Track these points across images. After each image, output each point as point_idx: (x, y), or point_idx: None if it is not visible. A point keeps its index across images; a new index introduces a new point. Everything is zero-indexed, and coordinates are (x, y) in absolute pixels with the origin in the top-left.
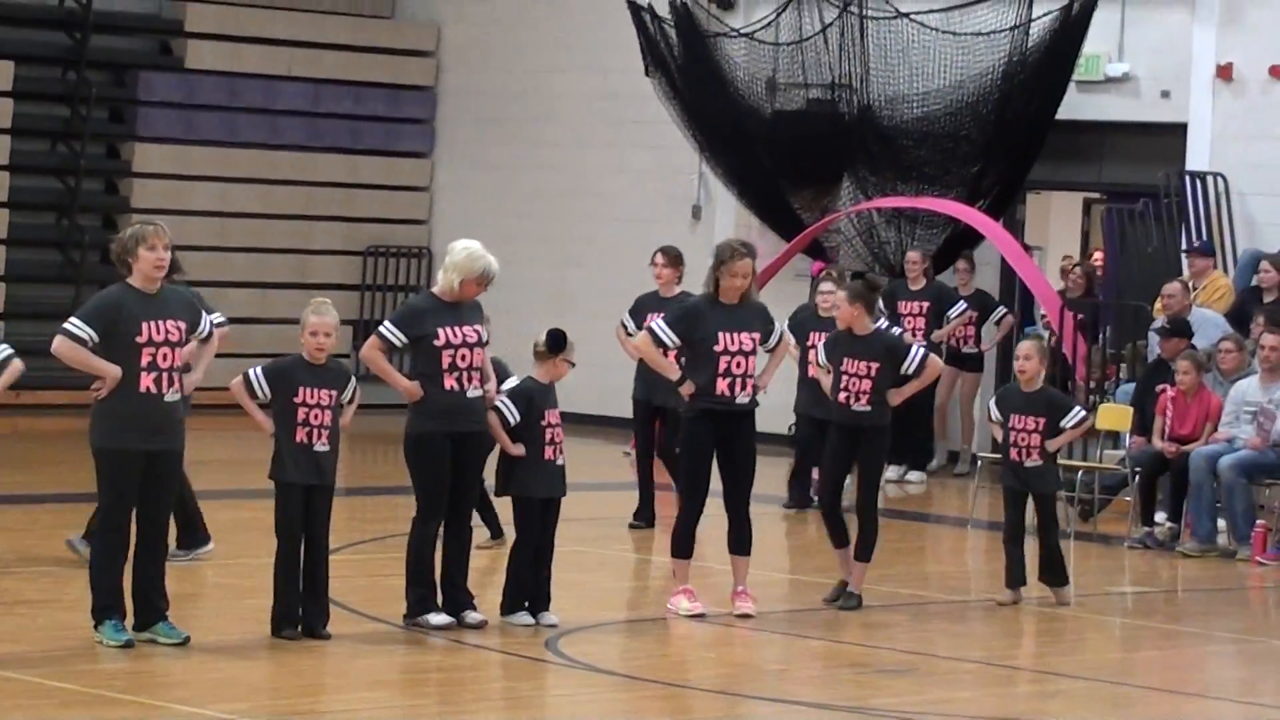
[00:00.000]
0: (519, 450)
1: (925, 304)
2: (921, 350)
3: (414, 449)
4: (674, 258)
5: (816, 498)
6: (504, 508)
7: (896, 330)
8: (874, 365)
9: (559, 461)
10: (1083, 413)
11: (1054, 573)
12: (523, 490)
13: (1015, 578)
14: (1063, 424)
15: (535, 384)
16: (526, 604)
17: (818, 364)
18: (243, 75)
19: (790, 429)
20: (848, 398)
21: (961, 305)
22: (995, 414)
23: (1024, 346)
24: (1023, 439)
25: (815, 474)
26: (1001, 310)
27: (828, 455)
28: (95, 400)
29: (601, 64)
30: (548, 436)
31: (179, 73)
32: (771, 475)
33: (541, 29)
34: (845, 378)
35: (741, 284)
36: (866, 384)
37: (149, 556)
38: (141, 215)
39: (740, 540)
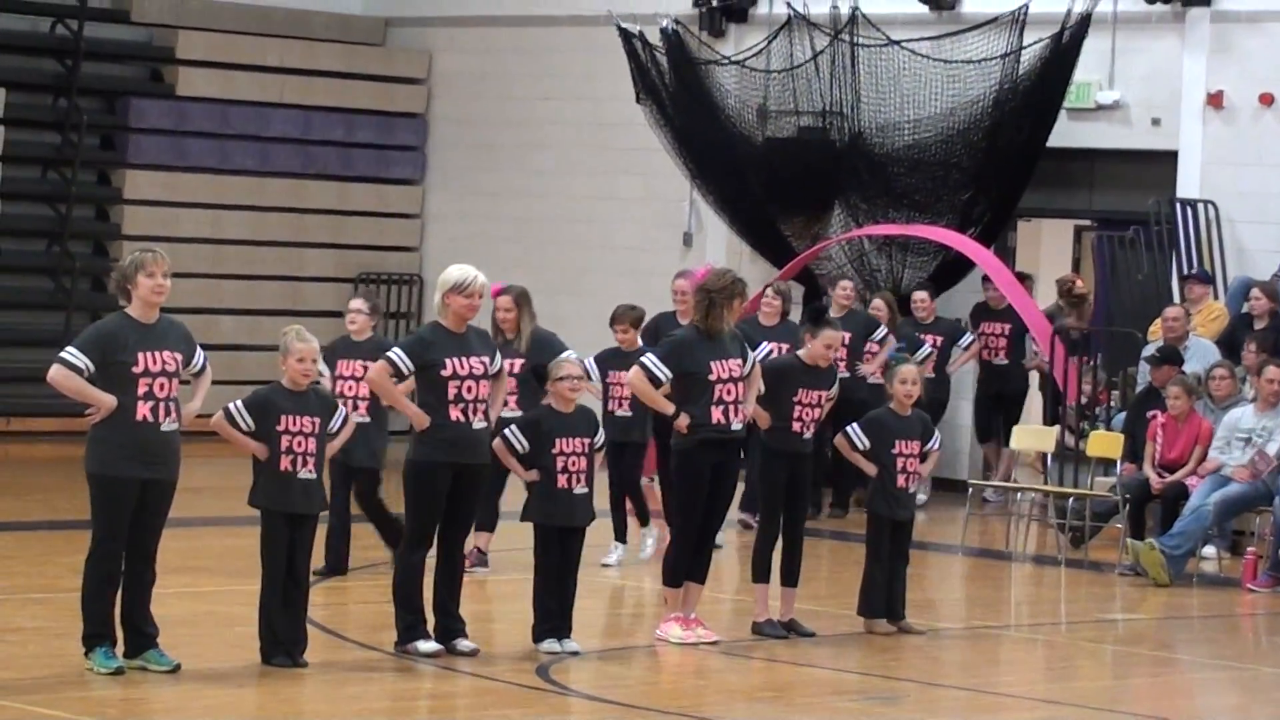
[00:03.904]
0: (532, 476)
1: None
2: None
3: (413, 476)
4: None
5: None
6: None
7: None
8: (824, 394)
9: (577, 490)
10: (940, 437)
11: (900, 606)
12: (537, 518)
13: (882, 608)
14: (928, 448)
15: (548, 411)
16: (555, 631)
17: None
18: (234, 102)
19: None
20: (801, 428)
21: (765, 348)
22: (863, 442)
23: (910, 371)
24: (911, 464)
25: None
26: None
27: (777, 484)
28: (91, 426)
29: (592, 91)
30: (560, 464)
31: (170, 99)
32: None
33: (532, 56)
34: (799, 408)
35: (740, 313)
36: (818, 413)
37: (137, 584)
38: (132, 242)
39: (701, 567)
